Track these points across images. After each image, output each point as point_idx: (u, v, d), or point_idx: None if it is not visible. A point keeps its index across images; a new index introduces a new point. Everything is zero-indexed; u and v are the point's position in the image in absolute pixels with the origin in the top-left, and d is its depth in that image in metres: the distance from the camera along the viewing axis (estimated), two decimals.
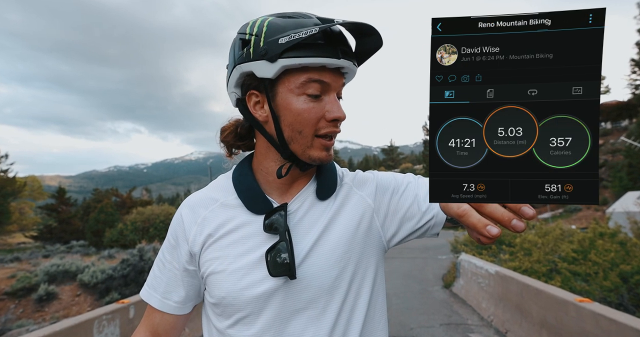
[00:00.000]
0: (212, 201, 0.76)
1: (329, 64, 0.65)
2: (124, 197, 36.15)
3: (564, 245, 5.88)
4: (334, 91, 0.68)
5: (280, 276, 0.67)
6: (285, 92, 0.67)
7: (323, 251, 0.72)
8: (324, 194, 0.76)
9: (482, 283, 5.33)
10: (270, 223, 0.70)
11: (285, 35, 0.63)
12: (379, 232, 0.78)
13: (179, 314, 0.79)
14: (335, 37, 0.66)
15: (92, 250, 21.08)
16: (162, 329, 0.80)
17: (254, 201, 0.73)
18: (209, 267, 0.72)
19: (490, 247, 7.66)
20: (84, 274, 9.56)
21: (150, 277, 0.81)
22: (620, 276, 4.52)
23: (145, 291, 0.81)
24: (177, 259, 0.76)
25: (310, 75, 0.65)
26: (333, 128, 0.68)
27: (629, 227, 6.03)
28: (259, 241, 0.71)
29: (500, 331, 4.33)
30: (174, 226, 0.78)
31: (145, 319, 0.81)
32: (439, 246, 14.57)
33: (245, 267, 0.70)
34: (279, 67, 0.64)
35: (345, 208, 0.77)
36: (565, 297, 3.23)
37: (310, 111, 0.67)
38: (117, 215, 28.51)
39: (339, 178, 0.80)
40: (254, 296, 0.69)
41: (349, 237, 0.74)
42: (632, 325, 2.39)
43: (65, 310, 8.90)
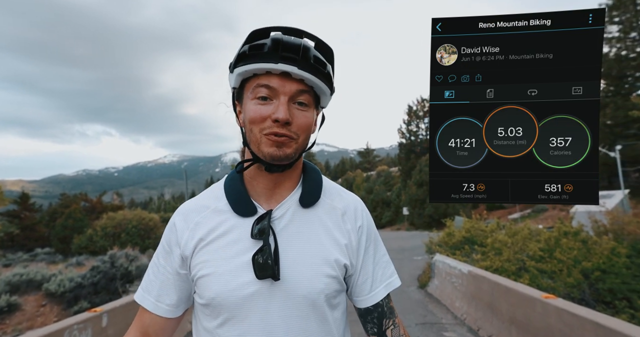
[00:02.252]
0: (204, 208, 0.82)
1: (268, 68, 0.71)
2: (94, 202, 34.74)
3: (532, 244, 6.13)
4: (283, 95, 0.73)
5: (265, 278, 0.73)
6: (246, 98, 0.76)
7: (307, 259, 0.77)
8: (306, 202, 0.81)
9: (455, 283, 5.48)
10: (258, 229, 0.76)
11: (238, 50, 0.76)
12: (343, 261, 0.81)
13: (170, 317, 0.83)
14: (280, 46, 0.72)
15: (59, 257, 20.13)
16: (153, 331, 0.82)
17: (240, 203, 0.79)
18: (200, 269, 0.77)
19: (463, 248, 7.88)
20: (50, 283, 9.12)
21: (144, 280, 0.85)
22: (582, 273, 4.76)
23: (139, 294, 0.84)
24: (170, 263, 0.81)
25: (259, 81, 0.73)
26: (276, 129, 0.72)
27: (590, 226, 6.36)
28: (247, 245, 0.76)
29: (473, 328, 4.47)
30: (167, 232, 0.83)
31: (137, 321, 0.84)
32: (414, 247, 14.81)
33: (234, 270, 0.75)
34: (236, 75, 0.75)
35: (331, 228, 0.81)
36: (533, 294, 3.38)
37: (258, 111, 0.73)
38: (86, 220, 27.38)
39: (325, 190, 0.85)
40: (242, 297, 0.74)
41: (331, 252, 0.79)
42: (591, 318, 2.54)
43: (29, 321, 8.45)
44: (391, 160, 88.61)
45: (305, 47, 0.73)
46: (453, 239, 8.57)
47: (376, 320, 0.83)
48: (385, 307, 0.83)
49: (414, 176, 36.90)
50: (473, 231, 8.43)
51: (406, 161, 42.97)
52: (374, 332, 0.83)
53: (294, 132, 0.74)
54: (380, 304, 0.83)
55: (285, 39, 0.72)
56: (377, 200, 44.68)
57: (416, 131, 43.80)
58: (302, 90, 0.74)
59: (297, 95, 0.74)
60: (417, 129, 43.84)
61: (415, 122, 43.91)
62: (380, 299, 0.83)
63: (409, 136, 44.02)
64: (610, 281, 4.48)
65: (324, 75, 0.76)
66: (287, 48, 0.72)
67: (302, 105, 0.75)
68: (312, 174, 0.85)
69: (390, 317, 0.83)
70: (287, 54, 0.71)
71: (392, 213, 42.19)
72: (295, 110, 0.74)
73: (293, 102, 0.74)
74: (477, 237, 8.11)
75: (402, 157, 44.51)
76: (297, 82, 0.73)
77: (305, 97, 0.75)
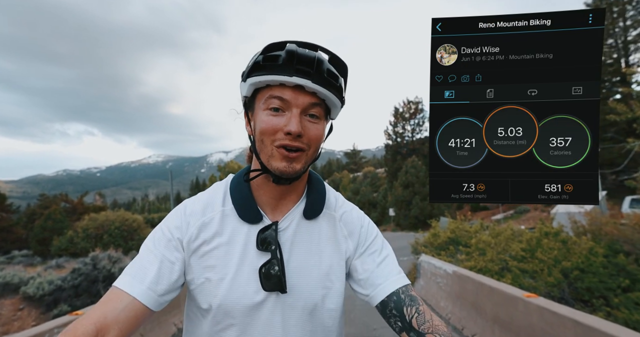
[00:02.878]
0: (211, 208, 0.82)
1: (283, 81, 0.72)
2: (75, 202, 33.88)
3: (514, 244, 6.26)
4: (295, 107, 0.74)
5: (273, 291, 0.76)
6: (257, 108, 0.77)
7: (309, 270, 0.80)
8: (310, 214, 0.83)
9: (440, 283, 5.55)
10: (263, 240, 0.78)
11: (252, 59, 0.76)
12: (345, 268, 0.85)
13: (153, 311, 0.74)
14: (295, 59, 0.73)
15: (38, 260, 19.55)
16: (117, 325, 0.68)
17: (247, 210, 0.80)
18: (204, 273, 0.78)
19: (448, 248, 8.00)
20: (28, 286, 8.86)
21: (132, 267, 0.76)
22: (562, 272, 4.89)
23: (124, 280, 0.74)
24: (170, 251, 0.78)
25: (272, 92, 0.74)
26: (288, 141, 0.73)
27: (570, 226, 6.53)
28: (253, 254, 0.78)
29: (457, 328, 4.53)
30: (174, 219, 0.81)
31: (97, 313, 0.68)
32: (401, 248, 14.92)
33: (241, 279, 0.77)
34: (249, 85, 0.75)
35: (331, 238, 0.84)
36: (515, 294, 3.45)
37: (270, 122, 0.74)
38: (66, 222, 26.67)
39: (329, 202, 0.87)
40: (248, 305, 0.76)
41: (331, 263, 0.82)
42: (570, 316, 2.62)
43: (5, 326, 8.18)
44: (377, 162, 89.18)
45: (319, 60, 0.75)
46: (438, 240, 8.69)
47: (395, 311, 0.77)
48: (402, 295, 0.78)
49: (400, 177, 37.24)
50: (458, 231, 8.55)
51: (392, 162, 43.33)
52: (399, 328, 0.76)
53: (305, 143, 0.75)
54: (396, 292, 0.78)
55: (300, 52, 0.73)
56: (364, 201, 44.90)
57: (402, 133, 44.22)
58: (314, 103, 0.75)
59: (309, 108, 0.75)
60: (404, 130, 44.26)
61: (401, 124, 44.33)
62: (393, 289, 0.79)
63: (395, 138, 44.41)
64: (588, 280, 4.62)
65: (336, 89, 0.77)
66: (302, 61, 0.73)
67: (314, 117, 0.77)
68: (316, 186, 0.87)
69: (412, 304, 0.76)
70: (302, 67, 0.72)
71: (379, 214, 42.47)
72: (306, 123, 0.75)
73: (305, 114, 0.75)
74: (462, 238, 8.24)
75: (388, 158, 44.87)
76: (310, 95, 0.75)
77: (317, 110, 0.77)
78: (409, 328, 0.74)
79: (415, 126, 43.85)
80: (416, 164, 36.49)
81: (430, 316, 0.75)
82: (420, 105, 44.11)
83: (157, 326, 4.34)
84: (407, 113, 44.21)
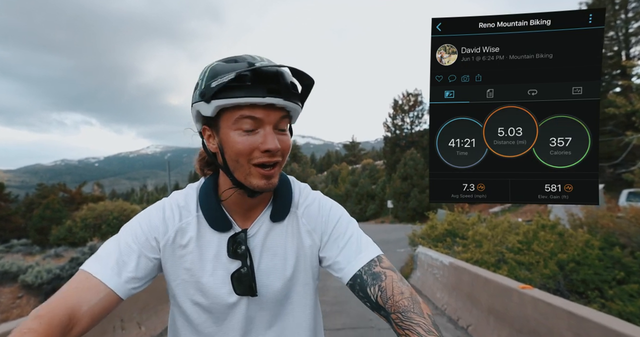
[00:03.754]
0: (186, 213, 0.84)
1: (256, 102, 0.72)
2: (73, 192, 33.89)
3: (511, 237, 6.30)
4: (268, 125, 0.75)
5: (244, 295, 0.81)
6: (225, 127, 0.76)
7: (276, 271, 0.85)
8: (277, 217, 0.86)
9: (437, 274, 5.59)
10: (234, 248, 0.81)
11: (216, 79, 0.73)
12: (316, 260, 0.90)
13: (120, 298, 0.74)
14: (264, 77, 0.72)
15: (37, 249, 19.63)
16: (88, 312, 0.68)
17: (216, 220, 0.83)
18: (179, 275, 0.82)
19: (445, 240, 8.04)
20: (26, 275, 8.90)
21: (99, 253, 0.76)
22: (557, 264, 4.92)
23: (92, 264, 0.74)
24: (138, 243, 0.79)
25: (242, 112, 0.73)
26: (267, 158, 0.75)
27: (566, 219, 6.56)
28: (225, 260, 0.82)
29: (453, 318, 4.58)
30: (152, 221, 0.82)
31: (65, 296, 0.68)
32: (398, 240, 15.02)
33: (216, 282, 0.82)
34: (214, 107, 0.74)
35: (295, 236, 0.87)
36: (510, 285, 3.47)
37: (244, 143, 0.74)
38: (65, 211, 26.72)
39: (294, 201, 0.90)
40: (223, 305, 0.82)
41: (297, 262, 0.87)
42: (564, 308, 2.63)
43: (4, 313, 8.24)
44: (376, 154, 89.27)
45: (284, 74, 0.76)
46: (435, 232, 8.73)
47: (361, 292, 0.79)
48: (365, 276, 0.79)
49: (398, 170, 37.29)
50: (455, 223, 8.59)
51: (391, 155, 43.34)
52: (370, 307, 0.79)
53: (279, 156, 0.77)
54: (358, 275, 0.80)
55: (265, 70, 0.73)
56: (362, 193, 45.03)
57: (401, 125, 44.12)
58: (283, 116, 0.77)
59: (279, 122, 0.77)
60: (402, 123, 44.16)
61: (400, 116, 44.21)
62: (354, 271, 0.80)
63: (394, 130, 44.33)
64: (584, 272, 4.65)
65: (298, 97, 0.79)
66: (269, 79, 0.73)
67: (282, 130, 0.79)
68: (282, 190, 0.89)
69: (374, 283, 0.77)
70: (273, 86, 0.73)
71: (377, 206, 42.63)
72: (278, 136, 0.77)
73: (275, 128, 0.77)
74: (459, 230, 8.28)
75: (387, 150, 44.87)
76: (279, 110, 0.76)
77: (284, 122, 0.79)
78: (377, 307, 0.77)
79: (414, 118, 43.75)
80: (415, 157, 36.51)
81: (392, 291, 0.75)
82: (419, 98, 43.97)
83: (154, 315, 4.37)
84: (407, 105, 44.06)
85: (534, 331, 2.98)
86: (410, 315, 0.69)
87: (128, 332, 3.86)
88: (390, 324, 0.74)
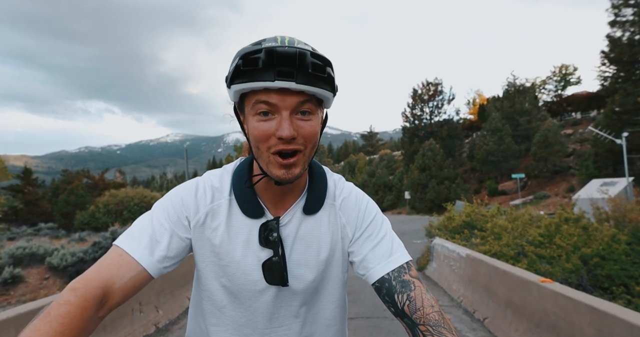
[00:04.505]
0: (219, 195, 0.83)
1: (265, 87, 0.68)
2: (96, 179, 34.97)
3: (532, 230, 6.13)
4: (284, 110, 0.70)
5: (274, 284, 0.81)
6: (247, 113, 0.74)
7: (308, 263, 0.84)
8: (310, 210, 0.84)
9: (453, 266, 5.50)
10: (266, 235, 0.80)
11: (232, 63, 0.72)
12: (346, 253, 0.89)
13: (153, 276, 0.74)
14: (275, 60, 0.67)
15: (62, 233, 20.44)
16: (121, 289, 0.69)
17: (249, 207, 0.81)
18: (209, 256, 0.82)
19: (463, 232, 7.90)
20: (52, 257, 9.27)
21: (132, 230, 0.76)
22: (581, 259, 4.76)
23: (124, 241, 0.74)
24: (170, 222, 0.79)
25: (258, 97, 0.70)
26: (282, 146, 0.71)
27: (591, 212, 6.33)
28: (256, 248, 0.81)
29: (469, 311, 4.51)
30: (183, 199, 0.81)
31: (108, 275, 0.69)
32: (414, 231, 14.91)
33: (245, 269, 0.81)
34: (233, 92, 0.73)
35: (330, 229, 0.86)
36: (529, 278, 3.37)
37: (259, 129, 0.71)
38: (88, 197, 27.64)
39: (329, 193, 0.88)
40: (251, 291, 0.82)
41: (330, 255, 0.86)
42: (586, 302, 2.53)
43: (32, 293, 8.63)
44: (394, 144, 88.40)
45: (301, 56, 0.68)
46: (453, 223, 8.59)
47: (387, 297, 0.78)
48: (394, 282, 0.78)
49: (416, 160, 36.82)
50: (473, 215, 8.43)
51: (409, 145, 42.77)
52: (394, 313, 0.78)
53: (301, 144, 0.73)
54: (387, 279, 0.79)
55: (279, 51, 0.67)
56: (379, 184, 44.79)
57: (420, 115, 43.36)
58: (303, 101, 0.71)
59: (300, 106, 0.71)
60: (422, 113, 43.38)
61: (419, 106, 43.42)
62: (383, 273, 0.79)
63: (413, 120, 43.63)
64: (609, 267, 4.48)
65: (324, 81, 0.72)
66: (283, 61, 0.67)
67: (306, 114, 0.73)
68: (317, 182, 0.87)
69: (403, 291, 0.76)
70: (284, 68, 0.67)
71: (394, 197, 42.37)
72: (298, 122, 0.72)
73: (295, 113, 0.71)
74: (478, 222, 8.12)
75: (405, 141, 44.28)
76: (297, 94, 0.70)
77: (308, 106, 0.72)
78: (402, 315, 0.76)
79: (434, 108, 42.89)
80: (433, 147, 35.93)
81: (422, 303, 0.75)
82: (439, 87, 42.97)
83: (172, 299, 4.47)
84: (426, 95, 43.19)
85: (553, 325, 2.89)
86: (441, 330, 0.70)
87: (146, 316, 3.97)
88: (412, 333, 0.73)
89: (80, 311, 0.60)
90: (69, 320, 0.58)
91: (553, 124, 32.47)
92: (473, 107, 57.82)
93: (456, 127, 41.96)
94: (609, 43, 24.86)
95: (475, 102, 58.62)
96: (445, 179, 34.38)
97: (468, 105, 60.61)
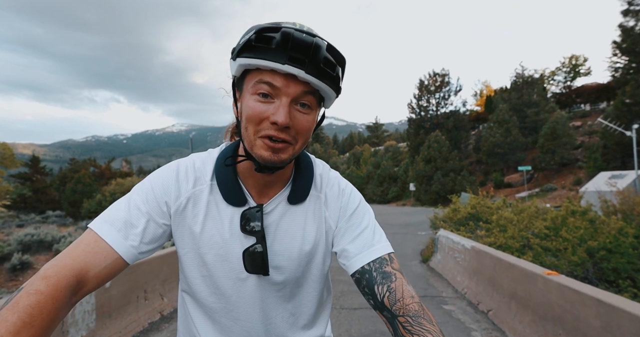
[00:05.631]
0: (201, 180, 0.80)
1: (274, 67, 0.66)
2: (103, 168, 35.27)
3: (538, 222, 6.08)
4: (285, 96, 0.68)
5: (255, 273, 0.78)
6: (246, 90, 0.71)
7: (293, 253, 0.82)
8: (295, 200, 0.82)
9: (458, 258, 5.49)
10: (247, 223, 0.78)
11: (245, 36, 0.69)
12: (330, 244, 0.87)
13: (125, 262, 0.71)
14: (290, 44, 0.65)
15: (70, 221, 20.72)
16: (95, 276, 0.67)
17: (230, 192, 0.78)
18: (188, 243, 0.79)
19: (468, 224, 7.87)
20: (60, 244, 9.41)
21: (118, 219, 0.72)
22: (587, 252, 4.72)
23: (99, 224, 0.71)
24: (148, 206, 0.75)
25: (262, 77, 0.68)
26: (273, 132, 0.68)
27: (599, 205, 6.26)
28: (238, 235, 0.79)
29: (473, 302, 4.50)
30: (164, 183, 0.78)
31: (82, 262, 0.66)
32: (419, 223, 14.90)
33: (225, 256, 0.79)
34: (237, 65, 0.69)
35: (315, 221, 0.84)
36: (535, 271, 3.35)
37: (255, 109, 0.68)
38: (95, 186, 27.91)
39: (315, 184, 0.86)
40: (232, 279, 0.80)
41: (314, 246, 0.84)
42: (592, 295, 2.50)
43: None
44: (400, 136, 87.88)
45: (316, 47, 0.66)
46: (458, 215, 8.55)
47: (367, 289, 0.76)
48: (374, 273, 0.76)
49: (422, 152, 36.62)
50: (479, 207, 8.38)
51: (415, 137, 42.49)
52: (373, 306, 0.76)
53: (292, 136, 0.70)
54: (367, 270, 0.77)
55: (296, 36, 0.65)
56: (384, 175, 44.69)
57: (426, 106, 42.96)
58: (306, 92, 0.69)
59: (301, 97, 0.69)
60: (428, 104, 42.97)
61: (426, 97, 42.99)
62: (362, 264, 0.78)
63: (419, 111, 43.25)
64: (616, 260, 4.44)
65: (331, 79, 0.70)
66: (297, 47, 0.65)
67: (305, 107, 0.70)
68: (304, 172, 0.85)
69: (384, 282, 0.74)
70: (296, 55, 0.65)
71: (399, 188, 42.30)
72: (296, 113, 0.69)
73: (295, 103, 0.69)
74: (483, 214, 8.08)
75: (411, 132, 43.97)
76: (303, 83, 0.68)
77: (309, 99, 0.70)
78: (381, 307, 0.74)
79: (440, 100, 42.45)
80: (439, 139, 35.67)
81: (402, 294, 0.73)
82: (446, 78, 42.45)
83: (177, 287, 4.51)
84: (433, 86, 42.71)
85: (558, 317, 2.87)
86: (421, 320, 0.68)
87: (151, 303, 4.01)
88: (392, 326, 0.71)
89: (52, 301, 0.58)
90: (39, 310, 0.55)
91: (561, 116, 32.01)
92: (480, 99, 57.19)
93: (462, 118, 41.54)
94: (621, 33, 24.32)
95: (483, 94, 57.94)
96: (451, 171, 34.21)
97: (475, 96, 59.98)
